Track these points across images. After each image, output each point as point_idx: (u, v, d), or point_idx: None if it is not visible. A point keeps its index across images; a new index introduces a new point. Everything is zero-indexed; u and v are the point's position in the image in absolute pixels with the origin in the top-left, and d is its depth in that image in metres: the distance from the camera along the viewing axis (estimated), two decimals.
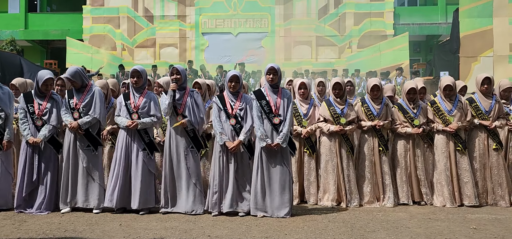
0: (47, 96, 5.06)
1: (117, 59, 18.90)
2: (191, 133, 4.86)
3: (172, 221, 4.53)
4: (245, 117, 4.77)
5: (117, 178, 4.83)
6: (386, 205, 5.29)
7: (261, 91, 4.84)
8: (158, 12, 19.57)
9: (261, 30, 19.40)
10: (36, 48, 21.93)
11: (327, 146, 5.35)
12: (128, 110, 4.93)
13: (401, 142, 5.46)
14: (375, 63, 17.93)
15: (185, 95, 4.89)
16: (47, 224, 4.43)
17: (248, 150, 4.80)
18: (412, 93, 5.46)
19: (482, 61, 13.06)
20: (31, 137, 4.96)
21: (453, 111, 5.35)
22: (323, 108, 5.43)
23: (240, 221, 4.52)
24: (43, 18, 21.36)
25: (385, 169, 5.39)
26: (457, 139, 5.33)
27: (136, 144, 4.88)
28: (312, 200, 5.40)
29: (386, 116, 5.46)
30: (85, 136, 4.94)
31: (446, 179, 5.28)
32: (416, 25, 19.12)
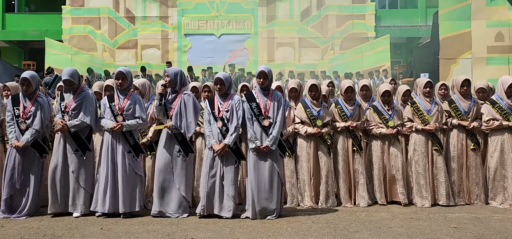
0: (33, 99, 4.93)
1: (98, 60, 18.62)
2: (179, 137, 4.80)
3: (155, 224, 4.47)
4: (231, 119, 4.73)
5: (106, 183, 4.73)
6: (360, 205, 5.35)
7: (252, 94, 4.83)
8: (140, 13, 19.36)
9: (244, 32, 19.40)
10: (14, 49, 21.44)
11: (303, 147, 5.38)
12: (112, 112, 4.84)
13: (377, 142, 5.52)
14: (357, 65, 18.14)
15: (176, 98, 4.82)
16: (25, 229, 4.31)
17: (236, 153, 4.75)
18: (386, 95, 5.55)
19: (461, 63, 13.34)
20: (15, 140, 4.84)
21: (432, 112, 5.44)
22: (299, 110, 5.44)
23: (223, 224, 4.48)
24: (21, 18, 20.88)
25: (359, 169, 5.45)
26: (435, 139, 5.42)
27: (121, 146, 4.79)
28: (294, 202, 5.41)
29: (359, 117, 5.53)
30: (74, 139, 4.82)
31: (425, 179, 5.35)
32: (397, 27, 19.40)
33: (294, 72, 16.00)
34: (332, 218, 4.75)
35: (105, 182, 4.74)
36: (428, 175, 5.36)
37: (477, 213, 4.97)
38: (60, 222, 4.58)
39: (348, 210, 5.16)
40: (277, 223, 4.51)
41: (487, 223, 4.54)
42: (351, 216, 4.83)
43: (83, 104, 4.86)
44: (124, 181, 4.74)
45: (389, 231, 4.23)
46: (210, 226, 4.40)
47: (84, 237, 4.02)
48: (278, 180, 4.74)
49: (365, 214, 4.95)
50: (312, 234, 4.11)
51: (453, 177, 5.48)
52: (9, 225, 4.48)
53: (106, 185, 4.73)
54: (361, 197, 5.40)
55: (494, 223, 4.55)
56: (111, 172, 4.75)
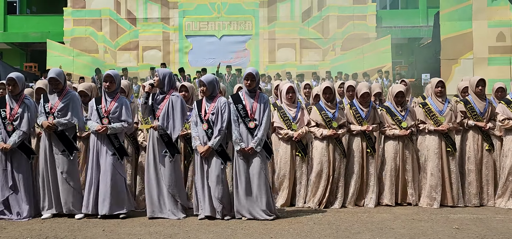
0: (20, 101, 4.93)
1: (100, 62, 18.64)
2: (165, 138, 4.80)
3: (157, 225, 4.48)
4: (216, 122, 4.74)
5: (92, 184, 4.77)
6: (368, 206, 5.35)
7: (238, 95, 4.85)
8: (141, 15, 19.37)
9: (245, 33, 19.39)
10: (15, 51, 21.48)
11: (319, 149, 5.37)
12: (98, 114, 4.85)
13: (390, 143, 5.50)
14: (358, 65, 18.12)
15: (164, 99, 4.83)
16: (28, 230, 4.33)
17: (221, 155, 4.75)
18: (400, 96, 5.52)
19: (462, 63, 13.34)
20: (1, 142, 4.84)
21: (444, 112, 5.42)
22: (314, 113, 5.45)
23: (225, 225, 4.49)
24: (23, 20, 20.93)
25: (371, 171, 5.44)
26: (448, 140, 5.39)
27: (106, 148, 4.80)
28: (301, 202, 5.41)
29: (374, 119, 5.51)
30: (61, 140, 4.83)
31: (437, 180, 5.33)
32: (398, 28, 19.39)
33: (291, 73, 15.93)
34: (334, 219, 4.75)
35: (90, 183, 4.78)
36: (440, 176, 5.33)
37: (479, 214, 4.97)
38: (62, 223, 4.59)
39: (350, 211, 5.16)
40: (279, 224, 4.51)
41: (489, 224, 4.54)
42: (353, 217, 4.83)
43: (70, 105, 4.87)
44: (108, 182, 4.74)
45: (391, 232, 4.23)
46: (212, 227, 4.40)
47: None
48: (266, 180, 4.74)
49: (367, 215, 4.95)
50: (313, 235, 4.12)
51: (470, 178, 5.46)
52: (11, 227, 4.49)
53: (90, 186, 4.77)
54: (370, 198, 5.40)
55: (496, 224, 4.55)
56: (96, 173, 4.78)
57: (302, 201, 5.43)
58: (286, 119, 5.50)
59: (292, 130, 5.48)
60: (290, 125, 5.49)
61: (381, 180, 5.53)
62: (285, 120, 5.50)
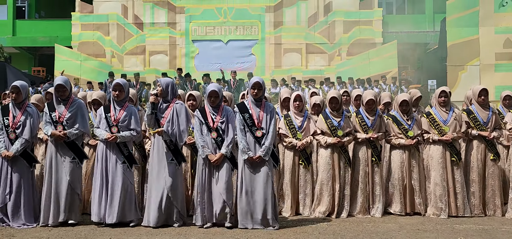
0: (22, 109, 5.00)
1: (107, 66, 18.80)
2: (171, 146, 4.85)
3: (162, 234, 4.51)
4: (227, 131, 4.78)
5: (101, 192, 4.80)
6: (375, 215, 5.35)
7: (244, 105, 4.88)
8: (148, 19, 19.53)
9: (251, 38, 19.48)
10: (24, 55, 21.75)
11: (325, 158, 5.39)
12: (108, 123, 4.90)
13: (397, 152, 5.50)
14: (364, 70, 18.11)
15: (168, 108, 4.88)
16: (35, 238, 4.38)
17: (231, 161, 4.81)
18: (404, 105, 5.52)
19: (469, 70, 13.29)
20: (4, 150, 4.90)
21: (448, 122, 5.41)
22: (320, 122, 5.48)
23: (230, 234, 4.51)
24: (31, 25, 21.21)
25: (376, 180, 5.44)
26: (452, 149, 5.39)
27: (115, 156, 4.85)
28: (307, 212, 5.43)
29: (380, 128, 5.52)
30: (71, 148, 4.89)
31: (442, 190, 5.32)
32: (404, 33, 19.36)
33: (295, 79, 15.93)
34: (339, 229, 4.76)
35: (100, 191, 4.81)
36: (445, 186, 5.33)
37: (485, 225, 4.95)
38: (69, 231, 4.64)
39: (355, 220, 5.16)
40: (284, 234, 4.53)
41: (495, 235, 4.52)
42: (358, 227, 4.84)
43: (78, 113, 4.93)
44: (117, 190, 4.79)
45: None
46: (218, 236, 4.43)
47: None
48: (272, 189, 4.77)
49: (372, 225, 4.96)
50: None
51: (472, 188, 5.45)
52: (19, 234, 4.55)
53: (100, 194, 4.80)
54: (376, 208, 5.40)
55: (501, 235, 4.54)
56: (104, 181, 4.82)
57: (308, 210, 5.44)
58: (291, 127, 5.53)
59: (297, 139, 5.50)
60: (295, 133, 5.52)
61: (388, 189, 5.53)
62: (291, 128, 5.53)
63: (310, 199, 5.47)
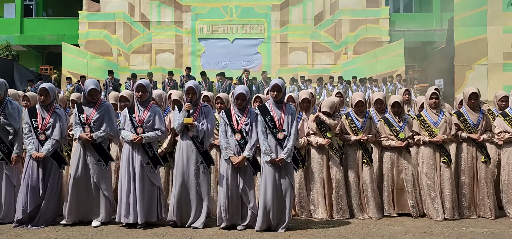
0: (51, 111, 5.06)
1: (113, 64, 18.89)
2: (200, 148, 4.87)
3: (169, 235, 4.54)
4: (250, 133, 4.79)
5: (128, 194, 4.83)
6: (371, 217, 5.35)
7: (266, 107, 4.87)
8: (155, 18, 19.59)
9: (257, 36, 19.48)
10: (31, 53, 21.90)
11: (315, 158, 5.41)
12: (132, 124, 4.93)
13: (387, 154, 5.52)
14: (370, 69, 18.05)
15: (196, 110, 4.92)
16: (42, 238, 4.43)
17: (253, 165, 4.81)
18: (396, 107, 5.53)
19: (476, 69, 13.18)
20: (34, 151, 4.96)
21: (439, 124, 5.41)
22: (311, 121, 5.48)
23: (236, 236, 4.53)
24: (39, 23, 21.34)
25: (368, 181, 5.44)
26: (443, 151, 5.38)
27: (140, 157, 4.88)
28: (305, 214, 5.43)
29: (370, 129, 5.53)
30: (97, 150, 4.94)
31: (434, 191, 5.32)
32: (411, 31, 19.26)
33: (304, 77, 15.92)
34: (344, 231, 4.76)
35: (127, 193, 4.83)
36: (438, 187, 5.33)
37: (491, 228, 4.93)
38: (76, 232, 4.68)
39: (361, 223, 5.16)
40: (290, 236, 4.54)
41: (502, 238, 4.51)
42: (364, 230, 4.83)
43: (105, 116, 4.99)
44: (142, 191, 4.83)
45: None
46: (223, 238, 4.45)
47: None
48: (291, 192, 4.77)
49: (377, 227, 4.95)
50: None
51: (464, 190, 5.44)
52: (27, 235, 4.60)
53: (127, 196, 4.83)
54: (371, 209, 5.40)
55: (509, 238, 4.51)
56: (131, 182, 4.85)
57: (305, 212, 5.43)
58: None
59: None
60: None
61: (382, 190, 5.54)
62: None
63: (306, 201, 5.46)
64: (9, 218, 5.04)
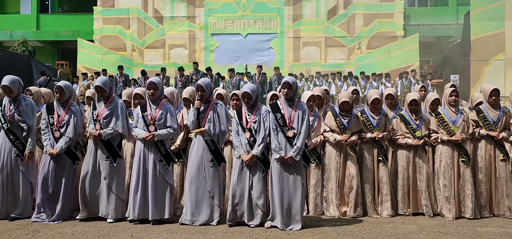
0: (67, 108, 5.14)
1: (127, 60, 19.06)
2: (212, 146, 4.90)
3: (182, 232, 4.59)
4: (258, 130, 4.80)
5: (137, 190, 4.89)
6: (383, 215, 5.33)
7: (277, 104, 4.88)
8: (168, 13, 19.67)
9: (270, 31, 19.42)
10: (47, 48, 22.20)
11: (332, 156, 5.39)
12: (145, 122, 4.98)
13: (403, 152, 5.46)
14: (384, 64, 17.88)
15: (208, 108, 4.94)
16: (59, 234, 4.51)
17: (263, 163, 4.83)
18: (413, 104, 5.45)
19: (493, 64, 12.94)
20: (49, 147, 5.06)
21: (457, 122, 5.33)
22: (329, 119, 5.46)
23: (249, 233, 4.55)
24: (55, 19, 21.62)
25: (383, 179, 5.41)
26: (461, 150, 5.31)
27: (153, 155, 4.93)
28: (318, 210, 5.43)
29: (385, 127, 5.48)
30: (106, 147, 5.01)
31: (450, 191, 5.26)
32: (427, 26, 18.98)
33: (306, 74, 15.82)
34: (357, 230, 4.75)
35: (136, 189, 4.90)
36: (454, 187, 5.27)
37: (508, 228, 4.86)
38: (92, 227, 4.76)
39: (374, 221, 5.14)
40: (302, 234, 4.54)
41: None
42: (377, 228, 4.81)
43: (114, 113, 5.04)
44: (154, 189, 4.88)
45: None
46: (236, 236, 4.48)
47: None
48: (302, 190, 4.77)
49: (391, 226, 4.92)
50: None
51: (480, 188, 5.37)
52: (44, 230, 4.69)
53: (136, 192, 4.89)
54: (384, 207, 5.37)
55: None
56: (142, 180, 4.90)
57: (319, 209, 5.43)
58: None
59: None
60: None
61: (396, 189, 5.49)
62: None
63: (321, 198, 5.46)
64: (27, 214, 5.15)
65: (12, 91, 5.15)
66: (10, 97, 5.19)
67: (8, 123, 5.15)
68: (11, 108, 5.17)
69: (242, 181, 4.79)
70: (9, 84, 5.11)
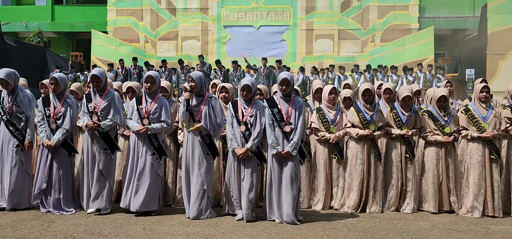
0: (62, 100, 5.20)
1: (140, 51, 19.17)
2: (207, 140, 4.92)
3: (194, 226, 4.63)
4: (254, 124, 4.81)
5: (131, 181, 4.99)
6: (405, 211, 5.31)
7: (274, 100, 4.89)
8: (181, 5, 19.71)
9: (282, 23, 19.35)
10: (62, 39, 22.46)
11: (354, 151, 5.36)
12: (139, 115, 5.03)
13: (432, 149, 5.38)
14: (398, 57, 17.69)
15: (202, 102, 4.94)
16: (74, 225, 4.59)
17: (258, 156, 4.84)
18: (442, 100, 5.36)
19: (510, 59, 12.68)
20: (46, 139, 5.13)
21: (488, 118, 5.23)
22: (351, 114, 5.42)
23: (260, 227, 4.58)
24: (69, 10, 21.84)
25: (409, 176, 5.36)
26: (492, 147, 5.21)
27: (146, 148, 4.99)
28: (337, 204, 5.44)
29: (415, 124, 5.41)
30: (103, 139, 5.06)
31: (480, 189, 5.19)
32: (442, 18, 18.68)
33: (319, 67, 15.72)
34: (369, 226, 4.74)
35: (129, 180, 4.99)
36: (483, 185, 5.19)
37: None
38: (106, 219, 4.83)
39: (385, 217, 5.12)
40: (313, 229, 4.55)
41: None
42: (389, 225, 4.79)
43: (112, 105, 5.10)
44: (146, 181, 4.94)
45: None
46: (247, 230, 4.50)
47: (128, 236, 4.23)
48: (297, 185, 4.79)
49: (403, 222, 4.90)
50: None
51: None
52: (59, 220, 4.78)
53: (129, 183, 4.99)
54: (407, 204, 5.35)
55: None
56: (135, 171, 4.98)
57: (339, 203, 5.44)
58: (324, 121, 5.51)
59: (330, 132, 5.47)
60: (328, 127, 5.50)
61: (422, 186, 5.43)
62: (324, 121, 5.51)
63: (341, 192, 5.47)
64: (24, 205, 5.23)
65: (9, 84, 5.22)
66: (7, 90, 5.28)
67: (7, 114, 5.24)
68: (9, 101, 5.25)
69: (236, 174, 4.84)
70: (5, 77, 5.18)
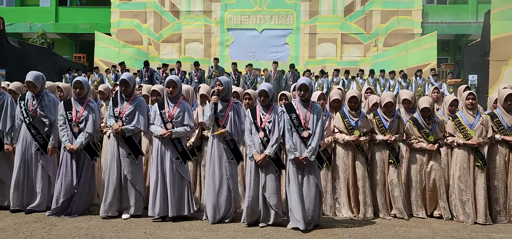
0: (85, 104, 5.22)
1: (144, 53, 19.23)
2: (231, 144, 4.93)
3: (195, 230, 4.64)
4: (273, 130, 4.80)
5: (156, 187, 4.95)
6: (397, 216, 5.32)
7: (292, 105, 4.88)
8: (184, 7, 19.78)
9: (286, 27, 19.39)
10: (66, 41, 22.54)
11: (341, 156, 5.40)
12: (162, 119, 5.04)
13: (417, 155, 5.43)
14: (401, 62, 17.71)
15: (228, 107, 4.95)
16: (76, 229, 4.61)
17: (276, 163, 4.84)
18: (425, 111, 5.38)
19: None
20: (68, 143, 5.14)
21: (475, 126, 5.26)
22: (337, 120, 5.46)
23: (261, 233, 4.58)
24: (73, 12, 21.92)
25: (394, 181, 5.38)
26: (477, 154, 5.24)
27: (170, 152, 4.98)
28: (329, 211, 5.44)
29: (398, 129, 5.45)
30: (127, 144, 5.07)
31: (466, 195, 5.21)
32: (445, 24, 18.68)
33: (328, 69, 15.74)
34: (370, 232, 4.73)
35: (155, 187, 4.96)
36: (470, 191, 5.21)
37: None
38: (107, 223, 4.85)
39: (387, 224, 5.11)
40: (314, 235, 4.55)
41: None
42: (390, 231, 4.79)
43: (137, 110, 5.11)
44: (172, 185, 4.94)
45: None
46: (249, 235, 4.51)
47: None
48: (317, 190, 4.78)
49: (404, 229, 4.89)
50: None
51: (496, 194, 5.30)
52: (61, 224, 4.80)
53: (156, 190, 4.96)
54: (396, 209, 5.35)
55: None
56: (160, 177, 4.96)
57: (329, 210, 5.44)
58: None
59: None
60: None
61: (410, 191, 5.47)
62: None
63: (331, 199, 5.46)
64: (43, 207, 5.28)
65: (36, 87, 5.26)
66: (34, 92, 5.30)
67: (30, 117, 5.26)
68: (34, 103, 5.28)
69: (255, 181, 4.81)
70: (33, 80, 5.22)
